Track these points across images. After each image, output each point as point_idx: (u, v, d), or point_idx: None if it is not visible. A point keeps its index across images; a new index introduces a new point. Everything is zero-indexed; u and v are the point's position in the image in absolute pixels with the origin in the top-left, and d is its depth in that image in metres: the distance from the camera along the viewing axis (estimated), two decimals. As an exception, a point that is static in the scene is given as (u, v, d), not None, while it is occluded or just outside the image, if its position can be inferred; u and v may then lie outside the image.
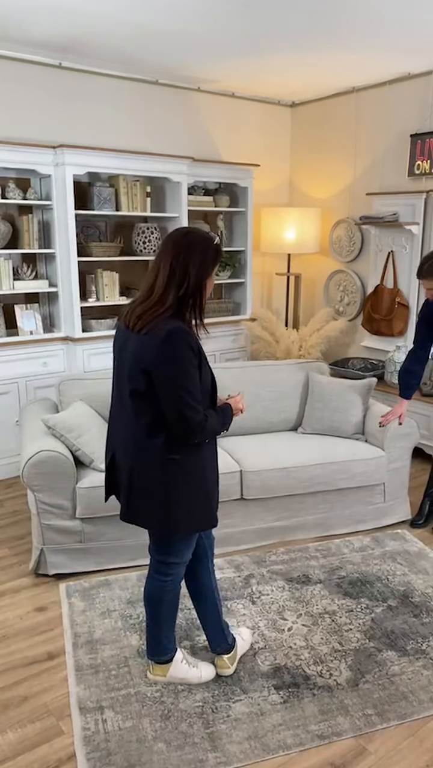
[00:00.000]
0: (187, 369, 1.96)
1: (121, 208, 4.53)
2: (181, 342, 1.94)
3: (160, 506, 2.11)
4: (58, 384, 3.52)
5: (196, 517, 2.16)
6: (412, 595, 2.97)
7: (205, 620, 2.43)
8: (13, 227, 4.24)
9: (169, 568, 2.27)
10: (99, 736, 2.16)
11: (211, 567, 2.41)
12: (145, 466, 2.10)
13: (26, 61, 4.22)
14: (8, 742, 2.15)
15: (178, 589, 2.33)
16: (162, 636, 2.36)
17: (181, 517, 2.12)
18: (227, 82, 4.90)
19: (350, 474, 3.47)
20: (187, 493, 2.12)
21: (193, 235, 2.04)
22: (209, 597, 2.41)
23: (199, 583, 2.39)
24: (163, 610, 2.31)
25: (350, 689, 2.38)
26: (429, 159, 4.56)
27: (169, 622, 2.35)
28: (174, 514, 2.11)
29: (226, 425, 2.17)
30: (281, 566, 3.22)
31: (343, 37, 3.76)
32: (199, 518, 2.17)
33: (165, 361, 1.94)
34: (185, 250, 1.99)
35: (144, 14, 3.41)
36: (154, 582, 2.30)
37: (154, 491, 2.10)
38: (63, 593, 2.97)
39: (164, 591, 2.29)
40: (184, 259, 1.98)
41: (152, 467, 2.09)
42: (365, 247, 5.20)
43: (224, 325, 5.20)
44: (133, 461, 2.11)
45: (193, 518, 2.15)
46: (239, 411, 2.25)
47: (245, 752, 2.10)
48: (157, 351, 1.94)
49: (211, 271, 2.05)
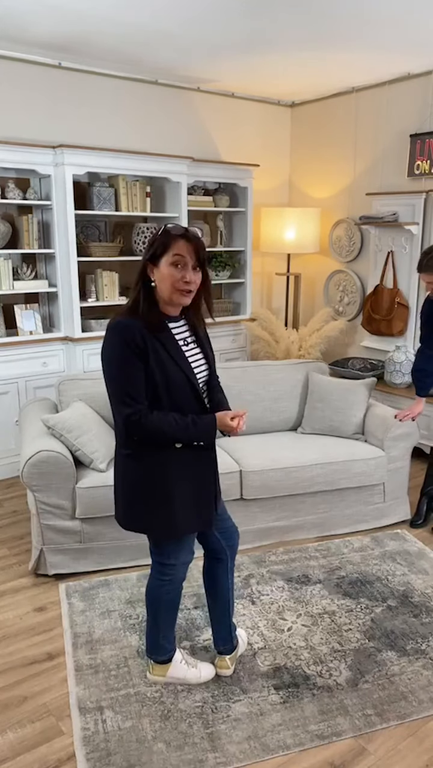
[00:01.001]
0: (116, 363, 2.00)
1: (120, 208, 4.53)
2: (115, 337, 1.99)
3: (120, 501, 2.20)
4: (58, 384, 3.52)
5: (157, 521, 2.12)
6: (411, 595, 2.97)
7: (216, 618, 2.44)
8: (13, 227, 4.24)
9: (166, 568, 2.27)
10: (99, 736, 2.16)
11: (231, 566, 2.41)
12: (115, 462, 2.20)
13: (26, 61, 4.22)
14: (8, 742, 2.15)
15: (179, 590, 2.32)
16: (160, 636, 2.36)
17: (140, 516, 2.15)
18: (226, 82, 4.90)
19: (350, 474, 3.47)
20: (145, 494, 2.11)
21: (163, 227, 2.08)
22: (224, 596, 2.42)
23: (216, 582, 2.40)
24: (161, 610, 2.31)
25: (350, 689, 2.38)
26: (429, 159, 4.56)
27: (168, 622, 2.35)
28: (133, 512, 2.16)
29: (196, 435, 2.05)
30: (281, 566, 3.22)
31: (343, 37, 3.76)
32: (162, 523, 2.12)
33: (103, 354, 2.04)
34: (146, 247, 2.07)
35: (144, 15, 3.41)
36: (155, 582, 2.30)
37: (117, 485, 2.20)
38: (63, 593, 2.97)
39: (162, 591, 2.29)
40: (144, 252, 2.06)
41: (118, 463, 2.19)
42: (365, 247, 5.20)
43: (223, 325, 5.20)
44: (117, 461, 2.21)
45: (155, 521, 2.12)
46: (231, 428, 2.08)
47: (245, 752, 2.10)
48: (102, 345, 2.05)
49: (148, 254, 2.00)
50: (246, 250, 5.29)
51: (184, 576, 2.33)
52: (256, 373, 3.88)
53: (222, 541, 2.37)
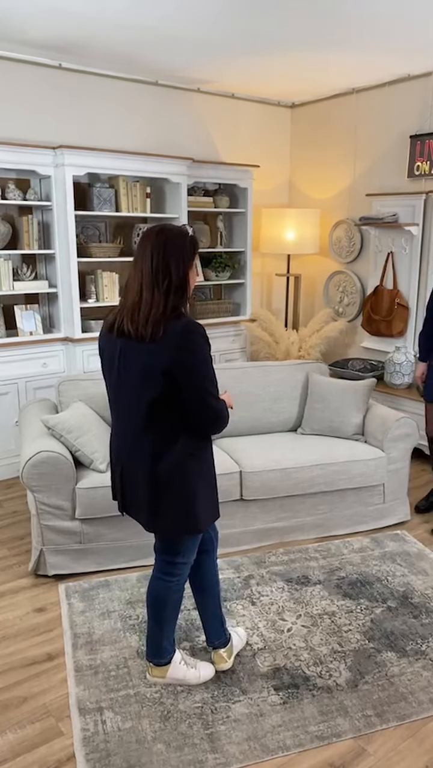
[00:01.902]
0: (207, 361, 2.03)
1: (120, 208, 4.53)
2: (199, 336, 2.00)
3: (187, 505, 2.13)
4: (58, 384, 3.52)
5: (211, 511, 2.22)
6: (411, 596, 2.97)
7: (206, 612, 2.45)
8: (13, 228, 4.24)
9: (176, 568, 2.27)
10: (98, 737, 2.16)
11: (215, 558, 2.44)
12: (168, 471, 2.09)
13: (26, 62, 4.23)
14: (8, 742, 2.15)
15: (183, 590, 2.33)
16: (163, 638, 2.35)
17: (201, 512, 2.16)
18: (226, 82, 4.90)
19: (350, 475, 3.47)
20: (204, 487, 2.17)
21: (167, 232, 2.04)
22: (213, 588, 2.43)
23: (205, 574, 2.41)
24: (167, 611, 2.31)
25: (350, 690, 2.38)
26: (429, 160, 4.56)
27: (171, 623, 2.35)
28: (197, 511, 2.15)
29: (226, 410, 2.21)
30: (281, 567, 3.22)
31: (342, 38, 3.76)
32: (213, 510, 2.24)
33: (189, 356, 1.98)
34: (163, 248, 2.00)
35: (144, 16, 3.41)
36: (160, 583, 2.29)
37: (181, 493, 2.11)
38: (62, 594, 2.97)
39: (170, 591, 2.28)
40: (164, 258, 1.99)
41: (175, 470, 2.09)
42: (365, 247, 5.20)
43: (223, 325, 5.20)
44: (152, 469, 2.10)
45: (209, 511, 2.21)
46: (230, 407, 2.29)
47: (245, 753, 2.10)
48: (178, 349, 1.96)
49: (191, 263, 2.05)
50: (246, 250, 5.29)
51: (188, 576, 2.35)
52: (256, 374, 3.88)
53: (209, 530, 2.38)
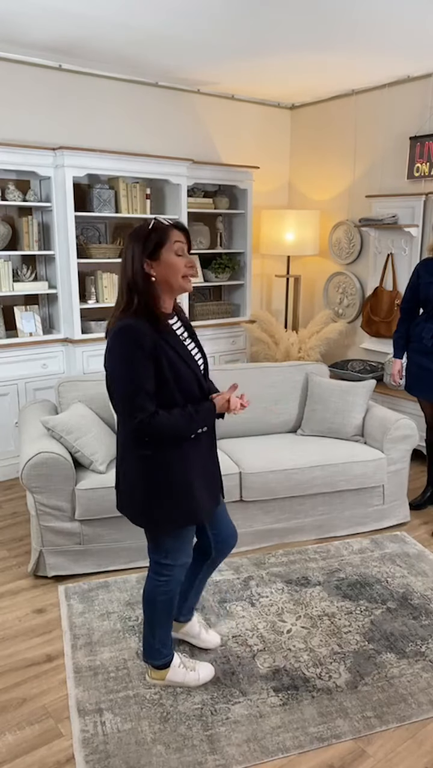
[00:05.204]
0: (129, 367, 1.96)
1: (120, 209, 4.54)
2: (124, 339, 1.96)
3: (141, 503, 2.15)
4: (58, 385, 3.52)
5: (179, 511, 2.15)
6: (411, 597, 2.97)
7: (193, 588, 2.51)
8: (13, 229, 4.24)
9: (164, 569, 2.26)
10: (98, 738, 2.15)
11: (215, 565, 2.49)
12: (127, 463, 2.16)
13: (26, 63, 4.23)
14: (7, 744, 2.14)
15: (174, 593, 2.30)
16: (156, 641, 2.34)
17: (168, 512, 2.14)
18: (226, 84, 4.91)
19: (350, 476, 3.47)
20: (172, 489, 2.12)
21: (135, 228, 2.08)
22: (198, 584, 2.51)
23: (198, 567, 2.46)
24: (156, 611, 2.30)
25: (349, 691, 2.37)
26: (428, 161, 4.56)
27: (163, 626, 2.34)
28: (161, 511, 2.14)
29: (201, 422, 2.10)
30: (280, 568, 3.22)
31: (342, 39, 3.77)
32: (186, 517, 2.17)
33: (110, 358, 2.01)
34: (128, 244, 2.05)
35: (144, 18, 3.42)
36: (151, 582, 2.30)
37: (133, 489, 2.16)
38: (62, 595, 2.96)
39: (158, 592, 2.27)
40: (128, 253, 2.03)
41: (132, 467, 2.14)
42: (365, 249, 5.21)
43: (223, 327, 5.21)
44: (120, 460, 2.19)
45: (178, 512, 2.15)
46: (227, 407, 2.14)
47: (244, 754, 2.10)
48: (107, 348, 2.01)
49: (145, 251, 2.00)
50: (246, 252, 5.30)
51: (182, 579, 2.32)
52: (255, 375, 3.88)
53: (214, 544, 2.40)
